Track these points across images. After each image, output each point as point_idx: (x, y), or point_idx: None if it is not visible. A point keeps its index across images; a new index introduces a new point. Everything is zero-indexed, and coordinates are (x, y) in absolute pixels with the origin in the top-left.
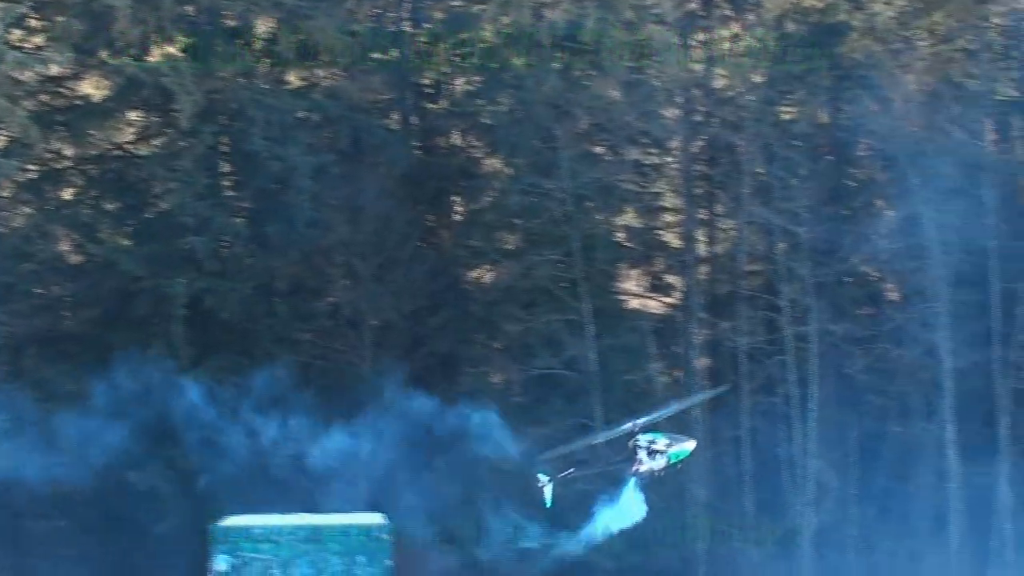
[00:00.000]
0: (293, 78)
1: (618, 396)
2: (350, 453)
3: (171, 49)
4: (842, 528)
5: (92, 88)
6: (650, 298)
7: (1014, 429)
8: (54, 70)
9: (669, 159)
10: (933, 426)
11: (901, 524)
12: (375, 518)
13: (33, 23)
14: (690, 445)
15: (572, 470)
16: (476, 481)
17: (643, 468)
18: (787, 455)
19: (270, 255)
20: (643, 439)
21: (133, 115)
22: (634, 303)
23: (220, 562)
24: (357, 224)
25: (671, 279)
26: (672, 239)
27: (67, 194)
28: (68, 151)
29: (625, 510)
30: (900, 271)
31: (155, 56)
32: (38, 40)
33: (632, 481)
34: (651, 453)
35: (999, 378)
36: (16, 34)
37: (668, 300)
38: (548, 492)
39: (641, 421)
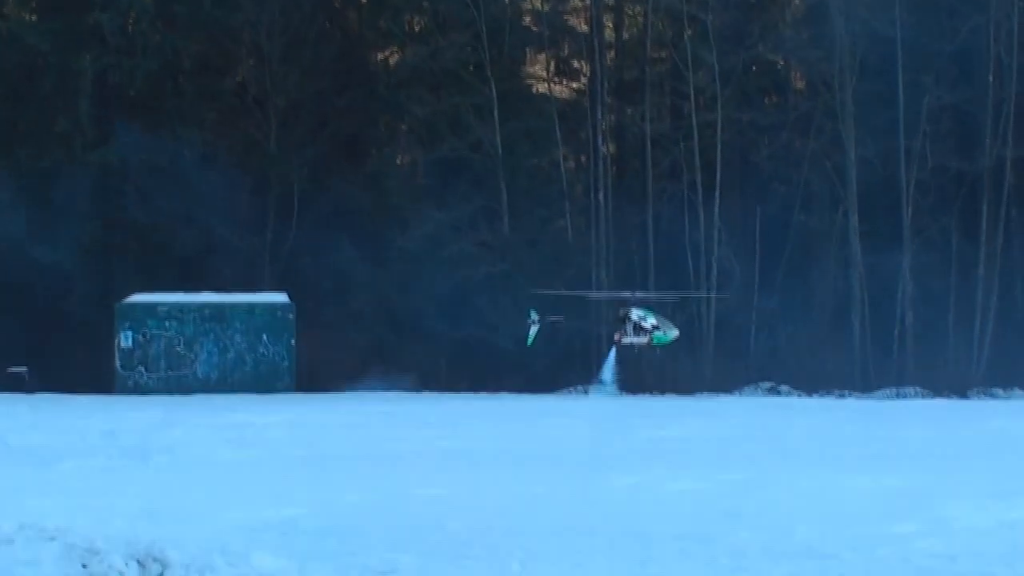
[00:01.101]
0: None
1: (523, 180)
2: (256, 230)
3: None
4: (745, 314)
5: None
6: (557, 83)
7: (917, 219)
8: None
9: None
10: (837, 215)
11: (804, 311)
12: (280, 297)
13: None
14: (674, 333)
15: (561, 317)
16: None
17: (625, 340)
18: (692, 241)
19: (177, 32)
20: (635, 313)
21: None
22: (540, 87)
23: (125, 339)
24: (264, 3)
25: (578, 64)
26: (579, 24)
27: None
28: None
29: (605, 372)
30: (807, 60)
31: None
32: None
33: (613, 350)
34: (638, 329)
35: (903, 168)
36: None
37: (574, 85)
38: (533, 332)
39: (640, 294)
